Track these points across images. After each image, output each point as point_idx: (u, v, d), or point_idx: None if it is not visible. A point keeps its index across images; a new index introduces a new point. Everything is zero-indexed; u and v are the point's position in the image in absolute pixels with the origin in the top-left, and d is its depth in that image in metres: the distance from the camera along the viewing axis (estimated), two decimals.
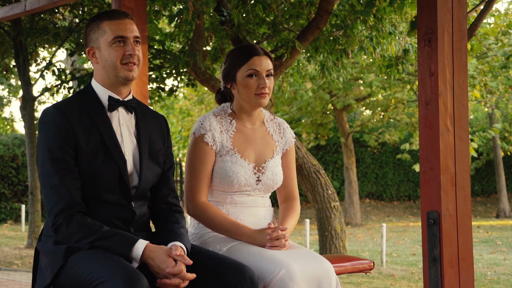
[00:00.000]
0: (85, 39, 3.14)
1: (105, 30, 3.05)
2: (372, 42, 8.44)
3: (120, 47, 3.05)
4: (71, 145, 2.96)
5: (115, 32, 3.05)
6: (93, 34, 3.09)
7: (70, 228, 2.91)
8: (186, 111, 24.48)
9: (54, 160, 2.94)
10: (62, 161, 2.94)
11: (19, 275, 9.86)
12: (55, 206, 2.93)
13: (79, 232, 2.90)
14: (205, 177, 3.42)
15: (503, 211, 22.40)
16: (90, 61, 3.11)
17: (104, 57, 3.06)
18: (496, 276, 10.01)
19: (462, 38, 3.58)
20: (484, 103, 19.58)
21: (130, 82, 3.11)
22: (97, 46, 3.08)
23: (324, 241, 9.71)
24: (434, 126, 3.46)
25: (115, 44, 3.04)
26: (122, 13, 3.11)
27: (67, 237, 2.92)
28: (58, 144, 2.94)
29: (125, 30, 3.06)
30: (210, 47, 9.75)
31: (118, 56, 3.04)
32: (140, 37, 3.12)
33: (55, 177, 2.93)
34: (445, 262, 3.43)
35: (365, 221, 20.99)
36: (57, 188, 2.93)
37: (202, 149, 3.42)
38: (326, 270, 3.19)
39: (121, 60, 3.05)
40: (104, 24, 3.06)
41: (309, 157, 9.50)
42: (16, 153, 19.10)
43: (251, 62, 3.43)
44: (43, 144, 2.97)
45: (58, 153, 2.94)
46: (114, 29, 3.05)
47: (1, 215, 18.92)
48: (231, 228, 3.35)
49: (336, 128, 22.18)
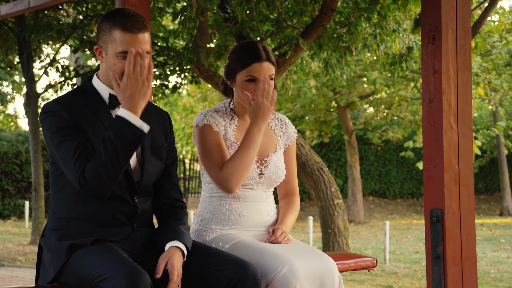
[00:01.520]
0: (97, 34, 3.06)
1: (115, 39, 2.95)
2: (376, 39, 8.44)
3: (126, 61, 2.93)
4: (78, 126, 2.94)
5: (124, 46, 2.94)
6: (104, 35, 2.99)
7: (90, 173, 2.85)
8: (190, 108, 24.50)
9: (67, 136, 2.90)
10: (75, 134, 2.91)
11: (22, 271, 9.89)
12: (76, 172, 2.87)
13: (99, 166, 2.83)
14: (222, 158, 3.36)
15: (506, 209, 22.37)
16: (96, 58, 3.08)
17: (109, 63, 2.99)
18: (499, 274, 10.01)
19: (466, 36, 3.57)
20: (488, 101, 19.56)
21: None
22: (105, 49, 3.00)
23: (327, 238, 9.71)
24: (437, 124, 3.46)
25: (121, 57, 2.95)
26: (138, 24, 2.96)
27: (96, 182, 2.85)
28: (65, 123, 2.91)
29: (135, 46, 2.93)
30: (214, 44, 9.75)
31: (121, 69, 2.96)
32: (149, 50, 3.01)
33: (72, 148, 2.88)
34: (448, 260, 3.43)
35: (368, 218, 20.98)
36: (76, 156, 2.87)
37: (211, 133, 3.39)
38: (329, 267, 3.19)
39: (124, 73, 2.94)
40: (115, 32, 2.94)
41: (312, 155, 9.49)
42: (20, 150, 19.12)
43: (251, 68, 3.38)
44: (49, 127, 2.94)
45: (68, 130, 2.91)
46: (124, 42, 2.94)
47: (4, 211, 18.95)
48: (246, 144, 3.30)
49: (340, 126, 22.18)
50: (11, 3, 6.50)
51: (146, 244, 3.10)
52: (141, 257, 3.04)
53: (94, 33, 11.94)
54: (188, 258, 3.03)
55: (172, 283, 2.89)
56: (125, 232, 3.04)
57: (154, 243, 3.12)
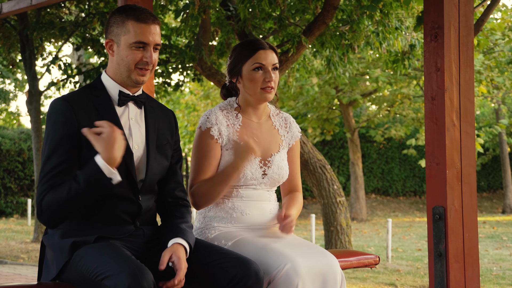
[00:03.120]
0: (106, 28, 3.10)
1: (129, 30, 3.01)
2: (378, 37, 8.43)
3: (139, 51, 3.02)
4: (76, 137, 2.95)
5: (138, 36, 3.00)
6: (116, 28, 3.04)
7: (48, 197, 2.89)
8: (192, 106, 24.48)
9: (58, 149, 2.93)
10: (65, 151, 2.93)
11: (25, 269, 9.90)
12: (41, 177, 2.93)
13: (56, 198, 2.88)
14: (208, 170, 3.41)
15: (509, 206, 22.36)
16: (101, 54, 3.10)
17: (121, 55, 3.03)
18: (502, 272, 10.00)
19: (469, 33, 3.57)
20: (491, 98, 19.53)
21: (140, 85, 3.10)
22: (117, 42, 3.04)
23: (330, 236, 9.71)
24: (440, 121, 3.46)
25: (135, 47, 3.01)
26: (150, 16, 3.05)
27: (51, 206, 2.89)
28: (63, 134, 2.93)
29: (148, 36, 3.02)
30: (216, 42, 9.75)
31: (135, 60, 3.02)
32: (160, 44, 3.09)
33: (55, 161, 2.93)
34: (451, 257, 3.43)
35: (370, 216, 20.98)
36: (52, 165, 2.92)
37: (207, 143, 3.42)
38: (331, 264, 3.20)
39: (137, 64, 3.03)
40: (129, 23, 3.01)
41: (315, 152, 9.49)
42: (22, 148, 19.14)
43: (257, 56, 3.43)
44: (48, 134, 2.97)
45: (62, 143, 2.93)
46: (138, 33, 3.00)
47: (7, 209, 18.98)
48: (218, 178, 3.34)
49: (342, 123, 22.16)
50: (13, 1, 6.50)
51: (149, 242, 3.11)
52: (144, 255, 3.04)
53: (97, 31, 11.95)
54: (190, 256, 3.04)
55: (181, 271, 2.90)
56: (128, 230, 3.05)
57: (157, 241, 3.12)
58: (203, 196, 3.37)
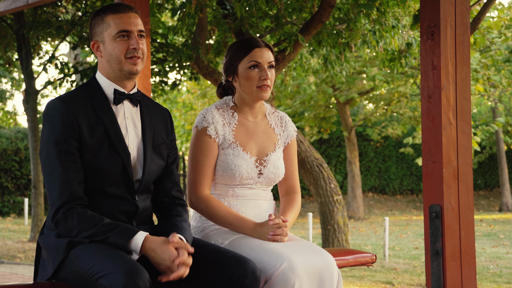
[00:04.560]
0: (90, 33, 3.13)
1: (109, 24, 3.05)
2: (375, 35, 8.43)
3: (124, 41, 3.04)
4: (76, 138, 2.95)
5: (119, 26, 3.04)
6: (98, 28, 3.08)
7: (70, 221, 2.90)
8: (189, 105, 24.46)
9: (58, 152, 2.93)
10: (66, 153, 2.93)
11: (22, 268, 9.89)
12: (57, 200, 2.92)
13: (79, 226, 2.90)
14: (208, 170, 3.41)
15: (505, 205, 22.38)
16: (95, 55, 3.11)
17: (109, 51, 3.05)
18: (499, 270, 10.02)
19: (465, 32, 3.57)
20: (487, 97, 19.54)
21: (135, 76, 3.10)
22: (101, 40, 3.08)
23: (327, 234, 9.71)
24: (436, 120, 3.46)
25: (119, 38, 3.04)
26: (127, 6, 3.10)
27: (67, 231, 2.92)
28: (62, 136, 2.94)
29: (129, 24, 3.05)
30: (213, 40, 9.73)
31: (122, 50, 3.04)
32: (144, 30, 3.11)
33: (58, 170, 2.92)
34: (448, 255, 3.43)
35: (368, 214, 20.99)
36: (60, 181, 2.92)
37: (204, 142, 3.42)
38: (328, 263, 3.20)
39: (125, 54, 3.04)
40: (108, 18, 3.05)
41: (312, 151, 9.49)
42: (19, 147, 19.12)
43: (252, 54, 3.43)
44: (47, 137, 2.97)
45: (62, 146, 2.93)
46: (118, 23, 3.04)
47: (4, 208, 18.96)
48: (234, 222, 3.34)
49: (339, 122, 22.17)
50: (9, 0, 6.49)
51: None
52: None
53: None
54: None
55: (189, 249, 2.90)
56: None
57: None
58: (206, 215, 3.41)
